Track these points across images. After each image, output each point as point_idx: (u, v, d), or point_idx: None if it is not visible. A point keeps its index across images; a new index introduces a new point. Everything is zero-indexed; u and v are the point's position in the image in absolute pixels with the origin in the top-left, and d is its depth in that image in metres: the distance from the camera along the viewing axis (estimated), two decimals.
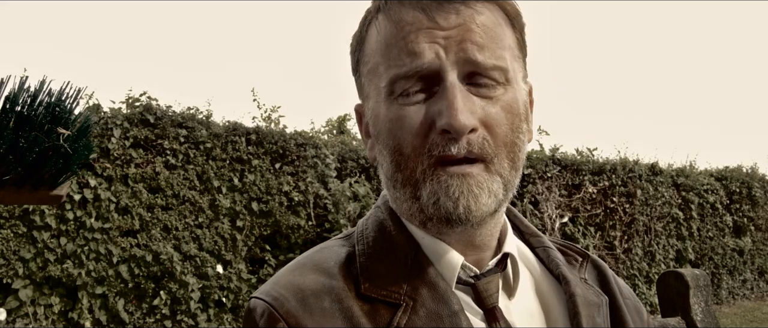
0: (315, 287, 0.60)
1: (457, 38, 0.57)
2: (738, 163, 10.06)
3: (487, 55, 0.58)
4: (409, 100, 0.59)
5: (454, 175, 0.57)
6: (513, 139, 0.60)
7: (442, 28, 0.58)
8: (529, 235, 0.76)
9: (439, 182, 0.58)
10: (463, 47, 0.57)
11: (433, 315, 0.59)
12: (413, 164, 0.59)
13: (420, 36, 0.58)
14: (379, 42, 0.62)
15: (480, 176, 0.58)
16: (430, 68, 0.57)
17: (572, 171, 7.62)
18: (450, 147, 0.57)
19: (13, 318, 4.45)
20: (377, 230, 0.67)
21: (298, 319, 0.58)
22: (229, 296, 5.23)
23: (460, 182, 0.57)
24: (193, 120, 5.39)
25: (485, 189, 0.58)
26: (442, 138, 0.57)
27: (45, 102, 0.87)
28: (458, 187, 0.57)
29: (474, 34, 0.58)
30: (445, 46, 0.57)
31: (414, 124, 0.59)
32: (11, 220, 4.56)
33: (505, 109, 0.59)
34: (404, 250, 0.64)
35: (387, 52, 0.60)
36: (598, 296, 0.69)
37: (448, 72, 0.57)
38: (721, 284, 8.74)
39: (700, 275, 4.04)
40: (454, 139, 0.57)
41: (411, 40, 0.58)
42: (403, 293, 0.60)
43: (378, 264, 0.63)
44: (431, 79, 0.58)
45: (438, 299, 0.60)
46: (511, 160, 0.60)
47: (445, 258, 0.63)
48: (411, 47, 0.58)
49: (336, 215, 5.68)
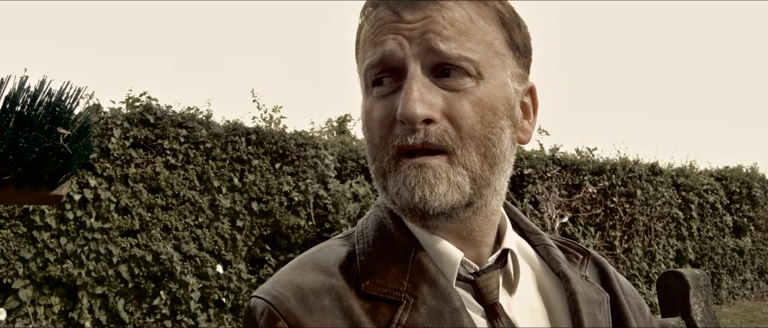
0: (315, 286, 0.61)
1: (421, 30, 0.58)
2: (738, 163, 10.08)
3: (452, 46, 0.58)
4: (380, 92, 0.61)
5: (411, 165, 0.58)
6: (484, 134, 0.59)
7: (407, 21, 0.59)
8: (529, 233, 0.76)
9: (399, 172, 0.59)
10: (425, 38, 0.58)
11: (434, 312, 0.59)
12: (381, 156, 0.61)
13: (385, 29, 0.60)
14: (362, 41, 0.65)
15: (439, 167, 0.58)
16: (393, 58, 0.59)
17: (572, 171, 7.62)
18: (407, 137, 0.58)
19: (13, 318, 4.45)
20: (377, 229, 0.67)
21: (298, 318, 0.58)
22: (229, 296, 5.23)
23: (417, 172, 0.58)
24: (193, 120, 5.39)
25: (443, 180, 0.58)
26: (401, 129, 0.58)
27: (45, 102, 0.87)
28: (415, 177, 0.58)
29: (438, 25, 0.58)
30: (408, 37, 0.59)
31: (380, 116, 0.60)
32: (11, 220, 4.56)
33: (473, 102, 0.59)
34: (404, 247, 0.64)
35: (363, 49, 0.64)
36: (599, 293, 0.69)
37: (409, 63, 0.58)
38: (721, 284, 8.74)
39: (700, 275, 4.04)
40: (410, 129, 0.57)
41: (377, 34, 0.61)
42: (403, 290, 0.61)
43: (378, 262, 0.63)
44: (398, 73, 0.60)
45: (439, 295, 0.60)
46: (481, 155, 0.59)
47: (445, 254, 0.64)
48: (376, 40, 0.61)
49: (336, 215, 5.68)
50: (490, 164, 0.60)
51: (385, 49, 0.59)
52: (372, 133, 0.62)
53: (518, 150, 7.28)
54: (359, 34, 0.66)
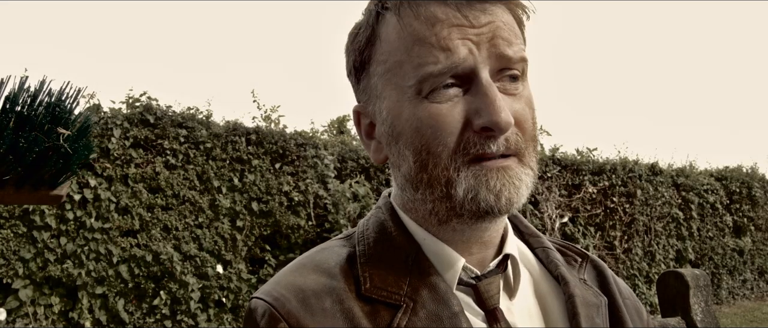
0: (316, 288, 0.60)
1: (488, 35, 0.58)
2: (738, 163, 10.08)
3: (516, 50, 0.59)
4: (440, 97, 0.58)
5: (493, 169, 0.57)
6: (534, 134, 0.62)
7: (474, 25, 0.57)
8: (528, 235, 0.76)
9: (476, 177, 0.57)
10: (494, 43, 0.58)
11: (433, 316, 0.59)
12: (445, 163, 0.58)
13: (453, 33, 0.57)
14: (404, 39, 0.59)
15: (517, 169, 0.59)
16: (465, 65, 0.57)
17: (572, 171, 7.62)
18: (489, 145, 0.57)
19: (13, 318, 4.45)
20: (378, 231, 0.67)
21: (300, 319, 0.58)
22: (229, 296, 5.23)
23: (500, 175, 0.58)
24: (193, 120, 5.39)
25: (523, 181, 0.59)
26: (479, 136, 0.57)
27: (45, 102, 0.87)
28: (499, 180, 0.57)
29: (503, 30, 0.58)
30: (477, 42, 0.57)
31: (448, 123, 0.57)
32: (11, 220, 4.56)
33: (527, 104, 0.61)
34: (405, 251, 0.64)
35: (415, 49, 0.58)
36: (597, 296, 0.69)
37: (481, 69, 0.57)
38: (721, 284, 8.74)
39: (700, 275, 4.04)
40: (492, 137, 0.57)
41: (444, 37, 0.57)
42: (403, 294, 0.60)
43: (378, 265, 0.63)
44: (463, 77, 0.58)
45: (438, 300, 0.60)
46: (535, 154, 0.62)
47: (446, 259, 0.63)
48: (444, 43, 0.57)
49: (336, 215, 5.68)
50: (536, 162, 0.63)
51: (459, 55, 0.57)
52: (429, 139, 0.58)
53: None
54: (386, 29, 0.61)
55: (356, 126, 0.71)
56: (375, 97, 0.64)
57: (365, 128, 0.69)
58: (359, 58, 0.65)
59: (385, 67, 0.62)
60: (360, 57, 0.65)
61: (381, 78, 0.63)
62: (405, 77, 0.59)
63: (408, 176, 0.62)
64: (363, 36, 0.64)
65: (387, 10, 0.62)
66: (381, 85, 0.63)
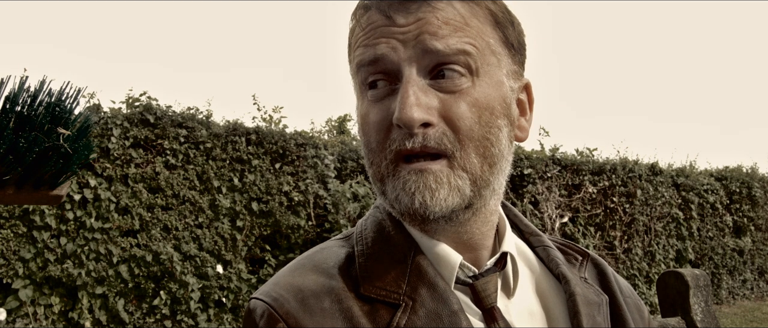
0: (315, 288, 0.61)
1: (415, 33, 0.58)
2: (738, 163, 10.08)
3: (450, 42, 0.57)
4: (375, 96, 0.61)
5: (411, 170, 0.58)
6: (482, 134, 0.59)
7: (399, 25, 0.58)
8: (528, 234, 0.76)
9: (398, 177, 0.59)
10: (420, 39, 0.57)
11: (432, 315, 0.59)
12: (378, 160, 0.60)
13: (377, 33, 0.59)
14: (351, 45, 0.64)
15: (440, 172, 0.57)
16: (386, 61, 0.59)
17: (572, 171, 7.62)
18: (405, 141, 0.57)
19: (13, 318, 4.44)
20: (376, 230, 0.67)
21: (298, 319, 0.58)
22: (229, 296, 5.23)
23: (417, 177, 0.57)
24: (193, 120, 5.39)
25: (445, 185, 0.57)
26: (399, 133, 0.58)
27: (45, 102, 0.87)
28: (415, 182, 0.57)
29: (432, 26, 0.58)
30: (402, 40, 0.58)
31: (377, 120, 0.60)
32: (11, 220, 4.56)
33: (470, 103, 0.58)
34: (403, 250, 0.64)
35: (354, 51, 0.63)
36: (598, 295, 0.69)
37: (404, 66, 0.58)
38: (721, 284, 8.74)
39: (700, 275, 4.04)
40: (408, 134, 0.57)
41: (368, 37, 0.60)
42: (402, 293, 0.61)
43: (377, 264, 0.63)
44: (393, 76, 0.59)
45: (437, 298, 0.60)
46: (480, 156, 0.59)
47: (443, 257, 0.63)
48: (368, 43, 0.60)
49: (336, 215, 5.68)
50: (489, 165, 0.60)
51: (377, 51, 0.59)
52: (368, 137, 0.61)
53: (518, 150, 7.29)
54: (351, 37, 0.65)
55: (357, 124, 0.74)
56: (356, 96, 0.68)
57: None
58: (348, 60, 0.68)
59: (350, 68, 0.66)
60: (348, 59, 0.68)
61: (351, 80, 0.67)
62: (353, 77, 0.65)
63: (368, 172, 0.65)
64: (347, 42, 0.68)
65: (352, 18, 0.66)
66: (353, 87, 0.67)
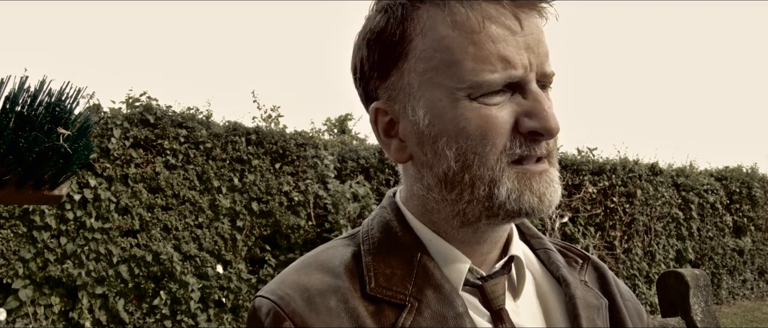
0: (321, 287, 0.60)
1: (536, 47, 0.59)
2: (738, 163, 10.07)
3: (551, 67, 0.61)
4: (490, 100, 0.58)
5: (535, 173, 0.60)
6: None
7: (525, 34, 0.58)
8: (530, 236, 0.76)
9: (520, 180, 0.59)
10: (541, 61, 0.59)
11: (437, 316, 0.59)
12: (492, 163, 0.58)
13: (511, 42, 0.57)
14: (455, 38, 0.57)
15: (553, 172, 0.62)
16: (523, 78, 0.59)
17: (572, 171, 7.62)
18: (534, 147, 0.59)
19: (13, 318, 4.44)
20: (383, 231, 0.67)
21: (304, 318, 0.58)
22: (229, 296, 5.23)
23: (542, 178, 0.60)
24: (193, 120, 5.39)
25: (558, 183, 0.62)
26: (525, 138, 0.59)
27: (45, 102, 0.87)
28: (542, 184, 0.60)
29: (544, 45, 0.60)
30: (528, 55, 0.59)
31: (498, 124, 0.58)
32: (11, 220, 4.56)
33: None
34: (410, 251, 0.64)
35: (471, 51, 0.57)
36: (598, 298, 0.69)
37: (531, 80, 0.59)
38: (721, 284, 8.74)
39: (700, 275, 4.04)
40: (538, 141, 0.59)
41: (501, 45, 0.57)
42: (408, 294, 0.61)
43: (383, 264, 0.63)
44: (514, 84, 0.59)
45: (443, 300, 0.60)
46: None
47: (452, 260, 0.64)
48: (502, 52, 0.57)
49: (336, 215, 5.68)
50: None
51: (516, 70, 0.57)
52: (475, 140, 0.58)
53: None
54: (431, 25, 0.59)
55: (373, 124, 0.67)
56: (407, 94, 0.62)
57: (383, 126, 0.66)
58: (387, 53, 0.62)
59: (428, 65, 0.59)
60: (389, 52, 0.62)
61: (420, 76, 0.60)
62: (454, 78, 0.57)
63: (445, 176, 0.60)
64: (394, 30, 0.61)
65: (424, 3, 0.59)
66: (419, 82, 0.60)
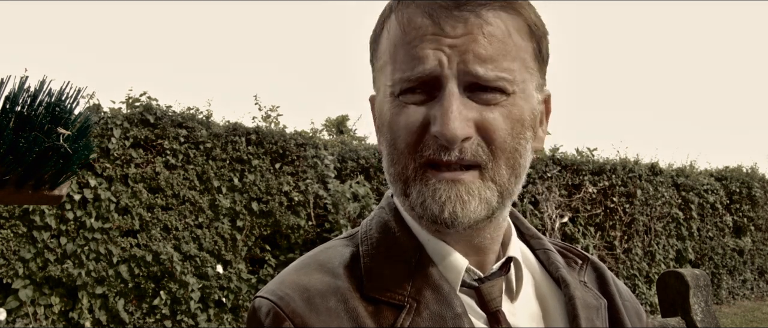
0: (320, 287, 0.61)
1: (462, 49, 0.56)
2: (738, 163, 10.07)
3: (490, 68, 0.57)
4: (408, 99, 0.59)
5: (443, 180, 0.57)
6: (513, 146, 0.59)
7: (449, 36, 0.57)
8: (529, 236, 0.76)
9: (427, 184, 0.58)
10: (464, 59, 0.56)
11: (436, 317, 0.59)
12: (405, 161, 0.59)
13: (425, 42, 0.58)
14: (389, 42, 0.62)
15: (472, 183, 0.57)
16: (432, 75, 0.57)
17: (572, 171, 7.62)
18: (441, 153, 0.57)
19: (13, 318, 4.44)
20: (381, 231, 0.67)
21: (304, 318, 0.58)
22: (229, 296, 5.23)
23: (449, 187, 0.57)
24: (193, 120, 5.39)
25: (476, 196, 0.57)
26: (434, 142, 0.57)
27: (45, 102, 0.87)
28: (446, 192, 0.57)
29: (479, 45, 0.57)
30: (449, 54, 0.57)
31: (409, 123, 0.59)
32: (11, 220, 4.56)
33: (505, 115, 0.58)
34: (408, 251, 0.64)
35: (394, 53, 0.61)
36: (597, 299, 0.69)
37: (448, 80, 0.57)
38: (721, 284, 8.74)
39: (700, 275, 4.04)
40: (445, 146, 0.56)
41: (416, 45, 0.58)
42: (406, 294, 0.61)
43: (382, 265, 0.63)
44: (433, 84, 0.58)
45: (441, 301, 0.60)
46: (510, 167, 0.59)
47: (449, 261, 0.64)
48: (415, 52, 0.58)
49: (336, 215, 5.68)
50: (515, 176, 0.60)
51: (426, 66, 0.57)
52: (396, 136, 0.60)
53: None
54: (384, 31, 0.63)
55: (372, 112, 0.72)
56: (376, 90, 0.68)
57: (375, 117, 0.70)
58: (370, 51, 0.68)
59: (379, 64, 0.65)
60: (371, 51, 0.68)
61: (377, 73, 0.66)
62: (387, 77, 0.62)
63: (385, 167, 0.64)
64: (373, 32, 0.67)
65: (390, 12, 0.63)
66: (377, 80, 0.66)
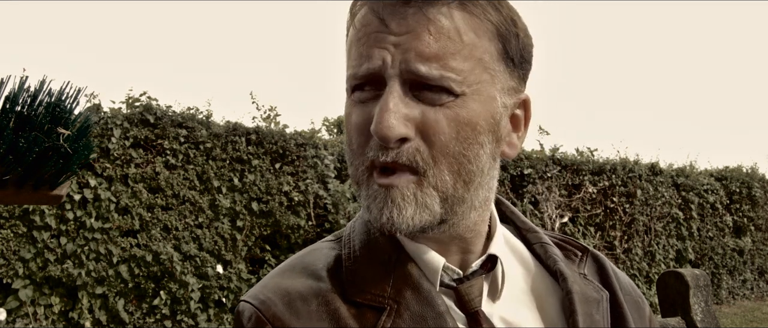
0: (303, 290, 0.61)
1: (404, 46, 0.55)
2: (738, 163, 10.07)
3: (434, 67, 0.54)
4: (359, 97, 0.59)
5: (381, 185, 0.56)
6: (459, 150, 0.56)
7: (393, 33, 0.55)
8: (525, 231, 0.74)
9: (369, 188, 0.58)
10: (406, 57, 0.55)
11: (417, 317, 0.59)
12: (357, 163, 0.60)
13: (371, 40, 0.57)
14: (348, 41, 0.62)
15: (406, 189, 0.56)
16: (376, 73, 0.56)
17: (572, 171, 7.62)
18: (379, 154, 0.56)
19: (13, 318, 4.44)
20: (363, 233, 0.67)
21: (285, 322, 0.58)
22: (229, 296, 5.23)
23: (385, 193, 0.56)
24: (193, 120, 5.39)
25: (411, 202, 0.56)
26: (375, 142, 0.56)
27: (45, 102, 0.87)
28: (382, 197, 0.56)
29: (421, 42, 0.54)
30: (392, 53, 0.55)
31: (358, 123, 0.58)
32: (11, 220, 4.56)
33: (451, 117, 0.56)
34: (388, 253, 0.64)
35: (349, 51, 0.60)
36: (598, 291, 0.67)
37: (390, 78, 0.55)
38: (721, 284, 8.74)
39: (700, 275, 4.04)
40: (383, 146, 0.55)
41: (364, 43, 0.57)
42: (386, 296, 0.60)
43: (363, 268, 0.63)
44: (379, 82, 0.57)
45: (422, 300, 0.60)
46: (454, 173, 0.57)
47: (426, 260, 0.63)
48: (362, 50, 0.57)
49: (336, 215, 5.68)
50: (464, 182, 0.58)
51: (370, 64, 0.56)
52: (350, 138, 0.60)
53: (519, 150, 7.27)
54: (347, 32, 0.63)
55: None
56: None
57: None
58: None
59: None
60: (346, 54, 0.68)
61: None
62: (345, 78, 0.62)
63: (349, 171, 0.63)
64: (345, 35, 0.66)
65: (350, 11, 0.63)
66: None
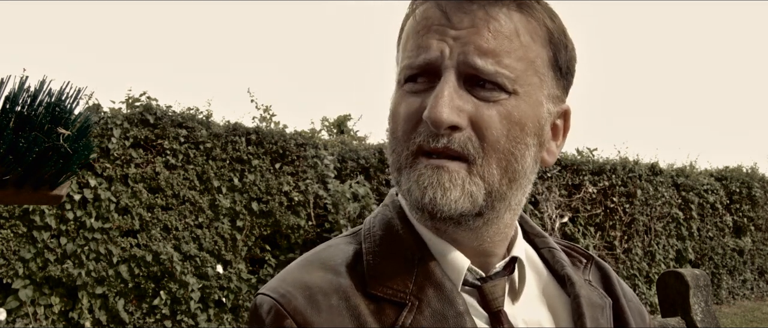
0: (323, 285, 0.60)
1: (464, 40, 0.57)
2: (738, 163, 10.06)
3: (490, 62, 0.57)
4: (412, 88, 0.60)
5: (428, 165, 0.57)
6: (508, 148, 0.58)
7: (454, 27, 0.58)
8: (534, 235, 0.76)
9: (414, 170, 0.58)
10: (465, 50, 0.57)
11: (438, 315, 0.59)
12: (400, 150, 0.60)
13: (431, 32, 0.59)
14: (404, 34, 0.64)
15: (457, 173, 0.57)
16: (433, 63, 0.58)
17: (572, 171, 7.62)
18: (430, 140, 0.57)
19: (13, 318, 4.44)
20: (384, 229, 0.67)
21: (306, 316, 0.57)
22: (229, 296, 5.23)
23: (433, 173, 0.57)
24: (193, 120, 5.39)
25: (458, 186, 0.57)
26: (426, 129, 0.57)
27: (45, 102, 0.87)
28: (429, 177, 0.57)
29: (481, 37, 0.57)
30: (451, 45, 0.57)
31: (408, 112, 0.60)
32: (11, 220, 4.56)
33: (502, 114, 0.58)
34: (411, 249, 0.64)
35: (405, 43, 0.62)
36: (602, 298, 0.69)
37: (446, 69, 0.57)
38: (721, 284, 8.74)
39: (700, 275, 4.04)
40: (434, 133, 0.57)
41: (423, 35, 0.59)
42: (408, 292, 0.60)
43: (384, 263, 0.63)
44: (434, 73, 0.58)
45: (444, 299, 0.60)
46: (502, 169, 0.58)
47: (451, 259, 0.63)
48: (421, 41, 0.59)
49: (336, 215, 5.68)
50: (509, 179, 0.59)
51: (428, 55, 0.58)
52: (396, 126, 0.61)
53: None
54: (404, 25, 0.65)
55: None
56: None
57: None
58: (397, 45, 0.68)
59: (398, 56, 0.66)
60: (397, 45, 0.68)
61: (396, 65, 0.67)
62: (398, 68, 0.64)
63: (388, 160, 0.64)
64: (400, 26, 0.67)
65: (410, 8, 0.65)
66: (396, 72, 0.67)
